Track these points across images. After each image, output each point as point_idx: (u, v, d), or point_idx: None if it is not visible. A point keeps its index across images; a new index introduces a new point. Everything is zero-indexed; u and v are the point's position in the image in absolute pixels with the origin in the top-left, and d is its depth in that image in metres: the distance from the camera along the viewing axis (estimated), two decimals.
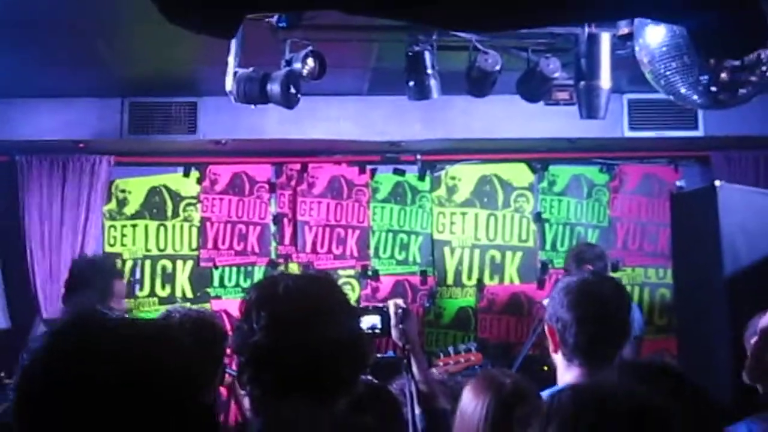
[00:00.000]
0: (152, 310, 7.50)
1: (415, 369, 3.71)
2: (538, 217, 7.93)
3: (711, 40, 2.77)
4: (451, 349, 6.14)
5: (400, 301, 3.99)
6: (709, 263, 5.66)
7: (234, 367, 2.46)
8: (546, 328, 3.17)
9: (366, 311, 4.01)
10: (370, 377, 3.94)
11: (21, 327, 7.21)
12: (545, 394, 3.09)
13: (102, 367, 1.52)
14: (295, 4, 2.82)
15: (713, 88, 4.06)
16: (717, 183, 5.64)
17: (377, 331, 3.89)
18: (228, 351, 3.64)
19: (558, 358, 3.16)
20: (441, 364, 5.95)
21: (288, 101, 5.22)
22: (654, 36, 4.09)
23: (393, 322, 3.87)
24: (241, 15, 2.00)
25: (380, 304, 4.55)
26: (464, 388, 3.08)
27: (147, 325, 1.72)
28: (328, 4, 2.04)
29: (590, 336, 3.06)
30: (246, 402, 3.25)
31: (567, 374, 3.13)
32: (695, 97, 4.18)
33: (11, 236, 7.20)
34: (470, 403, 2.92)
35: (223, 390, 5.39)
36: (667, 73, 4.09)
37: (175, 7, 1.97)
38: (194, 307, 5.52)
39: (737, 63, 3.95)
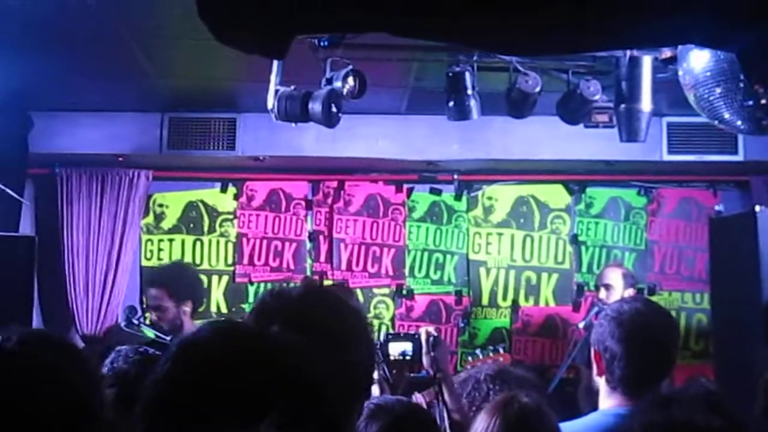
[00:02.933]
0: None
1: (447, 397, 3.70)
2: (574, 239, 7.89)
3: (757, 66, 2.76)
4: (479, 352, 6.12)
5: (431, 329, 4.00)
6: (747, 289, 5.61)
7: None
8: (592, 352, 3.15)
9: (398, 337, 4.02)
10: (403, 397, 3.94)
11: None
12: (590, 418, 3.08)
13: None
14: (345, 27, 2.83)
15: (757, 114, 4.04)
16: (757, 208, 5.60)
17: (407, 357, 3.90)
18: None
19: (601, 382, 3.16)
20: (470, 367, 5.93)
21: (329, 120, 5.24)
22: (698, 60, 4.08)
23: (424, 349, 3.88)
24: (292, 36, 2.01)
25: (412, 331, 4.56)
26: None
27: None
28: (378, 28, 2.04)
29: (638, 369, 3.05)
30: None
31: (609, 399, 3.13)
32: (739, 122, 4.15)
33: (50, 248, 7.25)
34: (480, 423, 2.91)
35: None
36: (711, 97, 4.07)
37: (225, 26, 1.99)
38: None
39: None
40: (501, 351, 6.09)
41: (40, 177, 7.55)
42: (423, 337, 3.91)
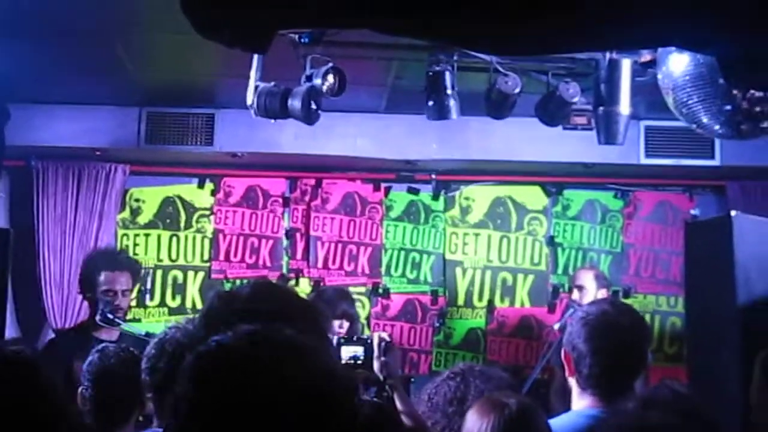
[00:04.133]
0: (161, 320, 7.49)
1: (398, 403, 3.70)
2: (551, 241, 7.91)
3: (738, 71, 2.77)
4: None
5: (384, 334, 4.00)
6: (722, 293, 5.63)
7: None
8: (563, 353, 3.19)
9: (350, 342, 4.02)
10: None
11: (29, 335, 7.21)
12: (562, 418, 3.10)
13: None
14: (329, 22, 2.82)
15: (735, 118, 4.06)
16: (733, 213, 5.62)
17: (359, 362, 3.89)
18: None
19: (573, 383, 3.20)
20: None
21: (309, 117, 5.23)
22: (677, 64, 4.09)
23: (375, 354, 3.87)
24: (275, 30, 2.00)
25: (364, 336, 4.54)
26: (468, 411, 3.06)
27: None
28: (362, 24, 2.04)
29: (604, 368, 3.10)
30: None
31: (581, 401, 3.18)
32: (717, 126, 4.17)
33: (24, 241, 7.17)
34: (474, 424, 2.91)
35: None
36: (690, 101, 4.09)
37: (208, 21, 1.98)
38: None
39: (761, 94, 3.94)
40: None
41: (16, 169, 7.49)
42: (375, 342, 3.90)
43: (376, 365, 3.83)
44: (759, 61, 2.46)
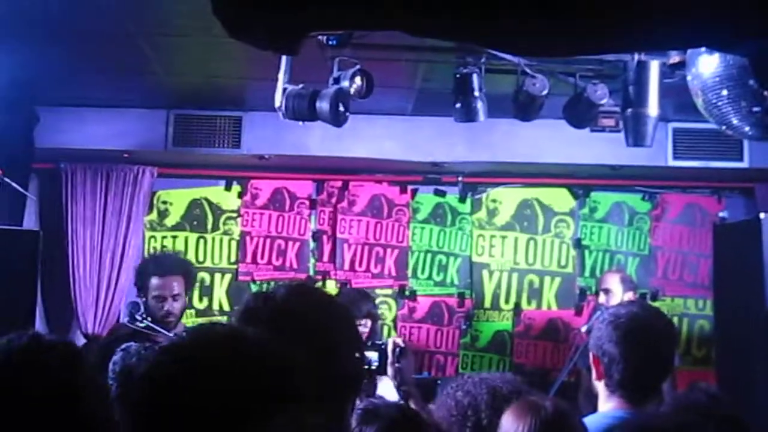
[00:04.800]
0: (188, 322, 7.50)
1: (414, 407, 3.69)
2: (577, 243, 7.88)
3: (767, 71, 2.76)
4: None
5: (399, 340, 3.98)
6: (751, 296, 5.61)
7: None
8: (591, 356, 3.17)
9: (364, 347, 4.01)
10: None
11: (59, 336, 7.24)
12: (590, 419, 3.09)
13: None
14: (361, 24, 2.82)
15: (765, 120, 4.03)
16: (762, 215, 5.60)
17: (373, 367, 3.88)
18: None
19: (600, 386, 3.18)
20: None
21: (337, 119, 5.23)
22: (707, 65, 4.07)
23: (390, 360, 3.86)
24: (306, 32, 2.01)
25: (379, 341, 4.52)
26: (504, 414, 3.05)
27: None
28: (394, 26, 2.04)
29: (635, 372, 3.07)
30: None
31: (608, 403, 3.15)
32: (747, 128, 4.14)
33: (53, 243, 7.23)
34: (511, 426, 2.90)
35: None
36: (719, 103, 4.06)
37: (239, 22, 1.98)
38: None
39: None
40: None
41: (45, 172, 7.54)
42: (390, 348, 3.88)
43: (390, 371, 3.82)
44: None
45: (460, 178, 7.81)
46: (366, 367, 3.82)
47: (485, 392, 3.23)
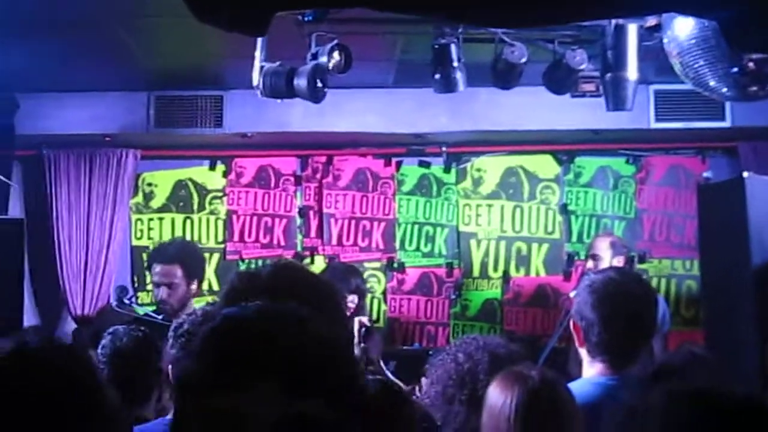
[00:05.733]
0: None
1: None
2: (563, 209, 7.89)
3: (742, 34, 2.75)
4: None
5: (364, 319, 3.96)
6: (736, 255, 5.62)
7: None
8: (571, 323, 3.20)
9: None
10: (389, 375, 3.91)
11: (49, 322, 7.26)
12: (573, 386, 3.11)
13: None
14: (326, 1, 2.81)
15: (742, 81, 4.04)
16: (745, 174, 5.60)
17: None
18: None
19: (583, 353, 3.22)
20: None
21: (315, 95, 5.23)
22: (683, 28, 4.07)
23: (356, 340, 3.84)
24: (272, 13, 2.00)
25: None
26: (490, 386, 3.06)
27: None
28: (362, 2, 2.03)
29: (613, 335, 3.11)
30: None
31: (591, 368, 3.21)
32: (724, 89, 4.15)
33: (39, 231, 7.23)
34: (498, 398, 2.90)
35: None
36: (696, 65, 4.07)
37: (205, 5, 1.98)
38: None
39: (766, 56, 3.92)
40: None
41: (28, 159, 7.53)
42: (355, 328, 3.86)
43: (356, 351, 3.80)
44: (760, 24, 2.45)
45: (443, 149, 7.80)
46: None
47: (487, 360, 3.25)
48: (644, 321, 3.23)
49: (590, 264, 6.69)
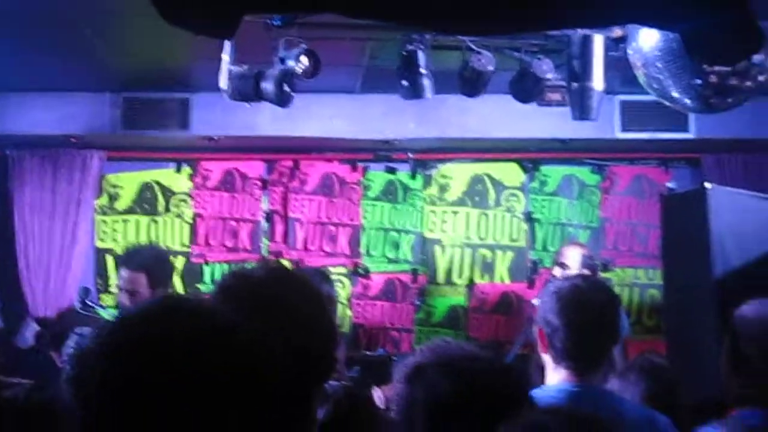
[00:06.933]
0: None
1: None
2: (528, 217, 7.94)
3: (703, 46, 2.79)
4: None
5: None
6: (698, 265, 5.66)
7: None
8: (536, 329, 3.22)
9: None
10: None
11: (12, 325, 7.20)
12: (536, 393, 3.12)
13: None
14: (293, 6, 2.82)
15: (705, 92, 4.09)
16: (707, 185, 5.65)
17: None
18: None
19: (546, 359, 3.22)
20: None
21: (282, 100, 5.23)
22: (647, 39, 4.11)
23: None
24: (240, 16, 2.00)
25: None
26: None
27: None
28: (330, 8, 2.04)
29: (577, 341, 3.12)
30: None
31: (555, 375, 3.20)
32: (687, 100, 4.20)
33: (1, 231, 7.18)
34: None
35: None
36: (660, 76, 4.11)
37: (173, 8, 1.98)
38: None
39: (729, 68, 3.97)
40: None
41: None
42: None
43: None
44: (722, 36, 2.48)
45: (410, 155, 7.82)
46: None
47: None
48: (609, 328, 3.25)
49: (557, 271, 6.69)
